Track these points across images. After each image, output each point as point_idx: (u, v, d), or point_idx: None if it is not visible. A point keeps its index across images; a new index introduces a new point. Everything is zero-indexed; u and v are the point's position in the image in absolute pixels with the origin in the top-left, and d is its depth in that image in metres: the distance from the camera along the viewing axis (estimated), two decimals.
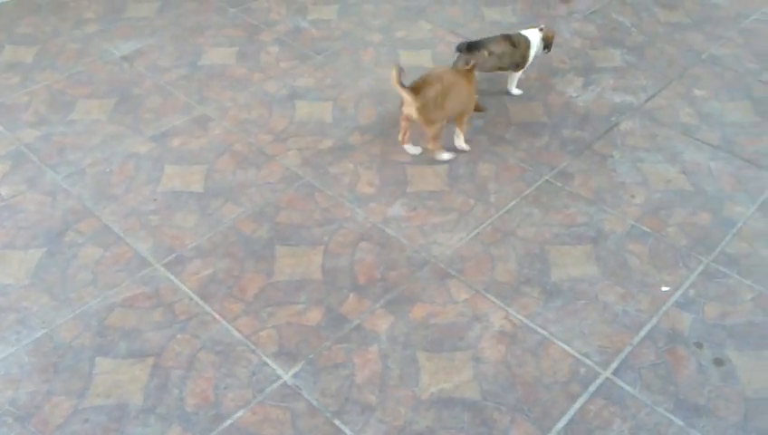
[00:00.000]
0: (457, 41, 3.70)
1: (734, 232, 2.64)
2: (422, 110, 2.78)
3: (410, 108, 2.80)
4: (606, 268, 2.51)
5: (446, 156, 2.97)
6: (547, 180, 2.87)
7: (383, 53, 3.65)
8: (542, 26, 3.26)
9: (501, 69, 3.26)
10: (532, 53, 3.23)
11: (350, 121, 3.19)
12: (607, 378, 2.17)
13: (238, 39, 3.78)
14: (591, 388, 2.14)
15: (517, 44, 3.19)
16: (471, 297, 2.41)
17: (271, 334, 2.29)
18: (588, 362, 2.21)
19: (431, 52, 3.66)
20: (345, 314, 2.35)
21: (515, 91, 3.38)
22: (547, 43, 3.27)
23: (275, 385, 2.13)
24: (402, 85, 2.75)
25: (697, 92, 3.35)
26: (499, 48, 3.15)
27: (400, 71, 2.74)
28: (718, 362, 2.21)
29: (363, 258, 2.54)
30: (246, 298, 2.40)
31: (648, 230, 2.65)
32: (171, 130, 3.13)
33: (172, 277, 2.47)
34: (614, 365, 2.20)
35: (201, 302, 2.38)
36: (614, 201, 2.77)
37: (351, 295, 2.41)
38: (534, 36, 3.21)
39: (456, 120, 2.95)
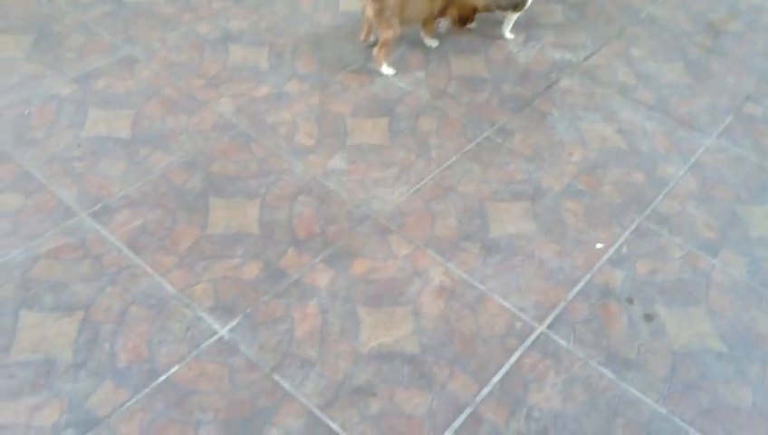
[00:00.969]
0: None
1: (667, 191, 2.71)
2: (379, 13, 2.88)
3: (369, 9, 2.90)
4: (543, 225, 2.54)
5: (386, 71, 3.07)
6: (487, 136, 2.86)
7: None
8: None
9: (499, 8, 3.25)
10: None
11: (287, 68, 3.07)
12: (542, 332, 2.21)
13: None
14: (527, 342, 2.17)
15: None
16: (411, 253, 2.39)
17: (206, 288, 2.21)
18: (524, 316, 2.24)
19: None
20: (284, 268, 2.29)
21: (509, 35, 3.39)
22: None
23: (211, 340, 2.07)
24: None
25: (635, 52, 3.39)
26: None
27: None
28: (648, 317, 2.28)
29: (302, 212, 2.47)
30: (179, 251, 2.30)
31: (584, 188, 2.69)
32: (95, 72, 2.93)
33: (99, 228, 2.34)
34: (549, 320, 2.24)
35: (131, 254, 2.27)
36: (552, 159, 2.79)
37: (290, 250, 2.34)
38: None
39: (422, 25, 3.14)
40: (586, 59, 3.29)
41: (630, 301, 2.32)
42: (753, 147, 2.94)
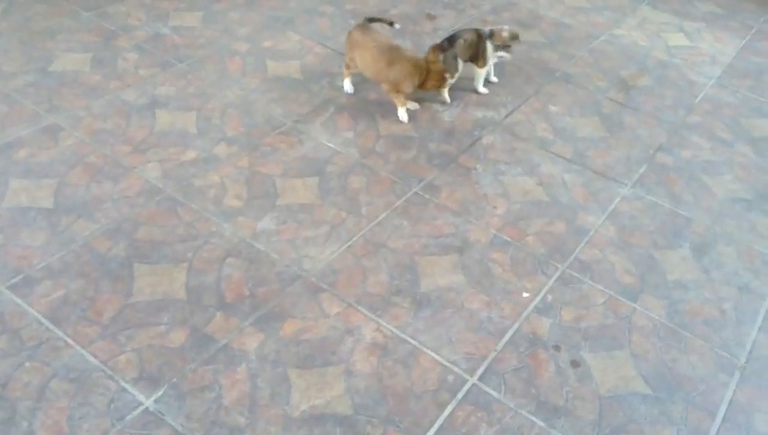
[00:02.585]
0: (326, 53, 3.73)
1: (587, 240, 2.81)
2: (349, 36, 3.33)
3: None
4: (471, 277, 2.59)
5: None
6: (416, 192, 2.93)
7: (250, 63, 3.58)
8: (494, 27, 3.45)
9: (471, 60, 3.45)
10: (489, 47, 3.41)
11: (215, 132, 3.09)
12: (474, 384, 2.23)
13: (93, 45, 3.56)
14: (459, 395, 2.19)
15: (481, 36, 3.39)
16: (343, 310, 2.40)
17: (130, 358, 2.15)
18: (456, 369, 2.26)
19: (300, 63, 3.63)
20: (211, 333, 2.25)
21: (482, 89, 3.59)
22: (501, 44, 3.41)
23: (136, 412, 2.01)
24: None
25: (552, 108, 3.56)
26: (469, 37, 3.36)
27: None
28: (575, 363, 2.34)
29: (231, 275, 2.46)
30: (102, 321, 2.25)
31: (509, 239, 2.77)
32: (17, 141, 2.88)
33: (18, 301, 2.26)
34: (480, 371, 2.27)
35: (52, 326, 2.20)
36: (478, 212, 2.87)
37: (218, 314, 2.32)
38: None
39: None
40: (507, 116, 3.43)
41: (557, 348, 2.38)
42: (666, 194, 3.09)
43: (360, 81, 3.55)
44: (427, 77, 3.27)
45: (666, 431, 2.16)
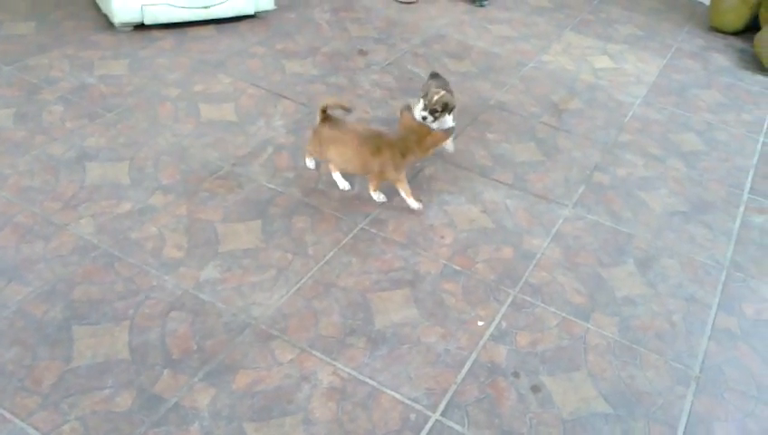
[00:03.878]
0: (259, 94, 3.69)
1: (535, 263, 2.83)
2: (314, 131, 3.00)
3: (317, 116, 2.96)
4: (425, 310, 2.56)
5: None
6: (362, 228, 2.89)
7: (182, 108, 3.50)
8: (434, 92, 3.14)
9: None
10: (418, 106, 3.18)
11: (150, 181, 2.99)
12: (437, 420, 2.18)
13: (15, 99, 3.41)
14: (423, 433, 2.14)
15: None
16: (296, 357, 2.32)
17: (75, 427, 2.01)
18: (417, 406, 2.21)
19: (233, 105, 3.57)
20: (159, 393, 2.14)
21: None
22: (430, 108, 3.10)
23: None
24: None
25: (490, 136, 3.60)
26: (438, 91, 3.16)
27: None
28: (535, 388, 2.32)
29: (176, 329, 2.35)
30: (42, 390, 2.10)
31: (460, 268, 2.76)
32: None
33: None
34: (442, 406, 2.23)
35: None
36: (426, 243, 2.85)
37: (165, 372, 2.20)
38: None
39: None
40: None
41: (516, 375, 2.36)
42: (606, 212, 3.15)
43: (297, 121, 3.52)
44: (422, 142, 2.91)
45: None
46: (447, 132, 3.01)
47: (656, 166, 3.53)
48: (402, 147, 2.90)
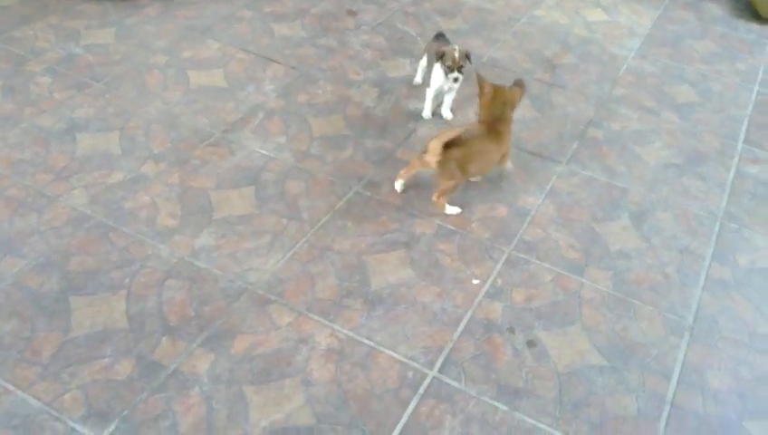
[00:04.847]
0: (248, 58, 3.64)
1: (529, 220, 2.83)
2: (442, 165, 2.66)
3: (432, 157, 2.65)
4: (421, 270, 2.57)
5: (451, 210, 2.82)
6: (356, 191, 2.89)
7: (170, 76, 3.46)
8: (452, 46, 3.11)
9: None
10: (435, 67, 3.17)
11: (141, 151, 2.97)
12: (434, 377, 2.21)
13: (1, 72, 3.37)
14: (421, 390, 2.17)
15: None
16: (294, 320, 2.34)
17: (76, 396, 2.04)
18: (414, 364, 2.24)
19: (222, 70, 3.53)
20: (159, 360, 2.16)
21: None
22: (457, 66, 3.05)
23: None
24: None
25: None
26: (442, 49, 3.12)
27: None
28: (531, 343, 2.35)
29: (173, 297, 2.36)
30: (42, 361, 2.13)
31: (454, 228, 2.76)
32: None
33: None
34: (439, 363, 2.25)
35: None
36: (420, 205, 2.85)
37: (164, 339, 2.22)
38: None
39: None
40: (439, 105, 3.41)
41: (512, 330, 2.38)
42: (600, 168, 3.15)
43: (287, 85, 3.49)
44: (513, 103, 2.82)
45: (625, 400, 2.20)
46: (521, 86, 2.86)
47: (650, 119, 3.51)
48: (504, 118, 2.80)
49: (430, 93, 3.29)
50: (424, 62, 3.46)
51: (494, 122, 2.78)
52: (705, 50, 4.19)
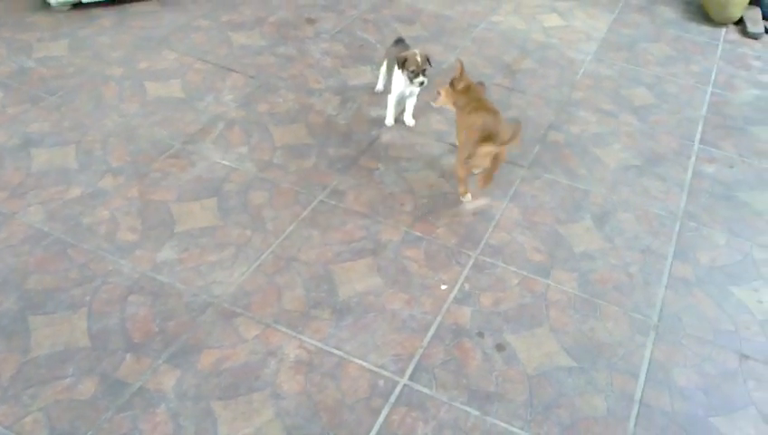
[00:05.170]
0: (206, 68, 3.60)
1: (494, 224, 2.85)
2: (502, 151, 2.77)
3: (488, 155, 2.76)
4: (388, 277, 2.56)
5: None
6: (321, 200, 2.87)
7: (127, 87, 3.39)
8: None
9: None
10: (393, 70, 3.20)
11: (98, 165, 2.91)
12: (405, 385, 2.20)
13: None
14: (392, 398, 2.15)
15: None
16: (261, 332, 2.30)
17: (38, 419, 1.98)
18: (385, 373, 2.23)
19: (180, 81, 3.48)
20: (123, 378, 2.10)
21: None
22: (421, 69, 3.07)
23: None
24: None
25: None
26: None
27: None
28: (500, 347, 2.35)
29: (135, 313, 2.31)
30: (1, 383, 2.05)
31: (421, 235, 2.76)
32: None
33: None
34: (409, 371, 2.24)
35: None
36: (386, 211, 2.84)
37: (128, 356, 2.17)
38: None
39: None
40: (401, 112, 3.42)
41: (481, 335, 2.39)
42: (562, 171, 3.18)
43: (247, 95, 3.45)
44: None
45: (594, 400, 2.22)
46: (483, 85, 3.04)
47: (608, 121, 3.57)
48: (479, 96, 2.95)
49: (392, 100, 3.29)
50: (384, 68, 3.47)
51: (478, 100, 2.91)
52: (660, 53, 4.29)
